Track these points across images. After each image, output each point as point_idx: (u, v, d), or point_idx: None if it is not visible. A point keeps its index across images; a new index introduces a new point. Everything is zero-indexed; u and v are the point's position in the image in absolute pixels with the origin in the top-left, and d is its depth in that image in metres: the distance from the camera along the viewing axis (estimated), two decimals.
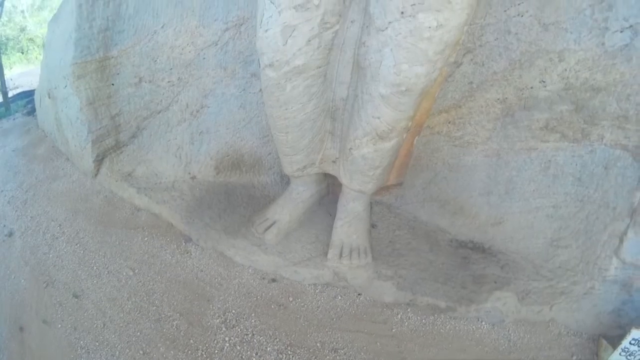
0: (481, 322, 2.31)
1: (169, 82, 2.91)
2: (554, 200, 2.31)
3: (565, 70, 2.13)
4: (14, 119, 4.47)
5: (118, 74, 3.00)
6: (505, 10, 2.17)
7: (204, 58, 2.81)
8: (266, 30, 1.97)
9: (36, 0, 13.31)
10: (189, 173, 3.03)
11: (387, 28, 1.84)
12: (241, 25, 2.68)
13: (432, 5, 1.74)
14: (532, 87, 2.24)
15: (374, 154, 2.18)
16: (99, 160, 3.13)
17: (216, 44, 2.76)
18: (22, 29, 13.12)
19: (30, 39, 12.74)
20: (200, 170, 3.02)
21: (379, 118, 2.03)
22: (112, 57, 2.96)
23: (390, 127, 2.06)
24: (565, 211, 2.28)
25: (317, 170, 2.52)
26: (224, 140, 2.94)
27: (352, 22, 2.04)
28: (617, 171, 2.10)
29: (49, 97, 3.45)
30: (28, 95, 5.36)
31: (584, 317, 2.21)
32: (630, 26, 1.93)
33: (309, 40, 1.97)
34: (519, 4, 2.14)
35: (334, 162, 2.45)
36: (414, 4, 1.75)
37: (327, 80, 2.16)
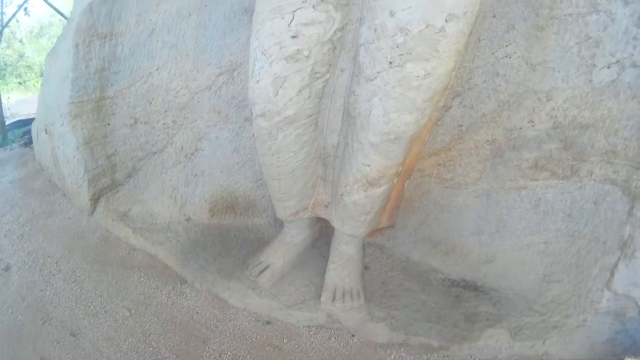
0: (474, 359, 2.32)
1: (164, 124, 2.96)
2: (545, 237, 2.34)
3: (554, 109, 2.17)
4: (10, 149, 4.50)
5: (114, 114, 3.04)
6: (493, 53, 2.22)
7: (198, 102, 2.85)
8: (258, 81, 2.01)
9: (34, 27, 13.37)
10: (184, 214, 3.06)
11: (376, 78, 1.89)
12: (234, 70, 2.73)
13: (419, 54, 1.78)
14: (520, 128, 2.27)
15: (365, 199, 2.21)
16: (95, 199, 3.16)
17: (210, 88, 2.80)
18: (21, 56, 13.18)
19: (28, 66, 12.81)
20: (195, 212, 3.05)
21: (369, 165, 2.07)
22: (108, 98, 3.01)
23: (380, 174, 2.10)
24: (556, 247, 2.30)
25: (309, 214, 2.55)
26: (218, 183, 2.97)
27: (342, 70, 2.08)
28: (607, 206, 2.12)
29: (46, 133, 3.49)
30: (25, 124, 5.39)
31: (578, 349, 2.23)
32: (617, 61, 1.97)
33: (300, 91, 2.02)
34: (506, 46, 2.19)
35: (326, 206, 2.49)
36: (402, 54, 1.80)
37: (318, 127, 2.21)
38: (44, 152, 3.72)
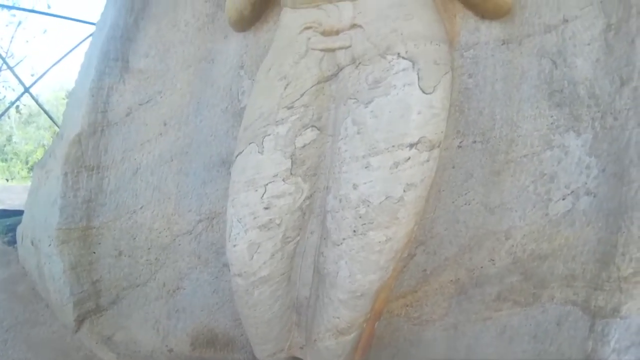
0: None
1: (147, 260, 3.10)
2: (513, 359, 2.44)
3: (513, 246, 2.28)
4: None
5: (99, 243, 3.17)
6: (453, 202, 2.37)
7: (179, 244, 3.01)
8: (234, 245, 2.19)
9: (23, 114, 13.66)
10: (167, 345, 3.16)
11: (341, 243, 2.08)
12: (213, 219, 2.89)
13: (381, 223, 1.98)
14: (482, 267, 2.41)
15: (336, 345, 2.35)
16: (80, 320, 3.23)
17: (190, 233, 2.96)
18: (9, 139, 13.41)
19: (15, 153, 13.03)
20: (177, 344, 3.14)
21: (338, 318, 2.22)
22: (94, 228, 3.15)
23: (349, 325, 2.25)
24: None
25: (286, 355, 2.67)
26: (199, 320, 3.09)
27: (311, 233, 2.27)
28: (569, 325, 2.20)
29: (32, 245, 3.58)
30: (9, 215, 5.35)
31: None
32: (572, 192, 2.07)
33: (273, 254, 2.20)
34: (465, 194, 2.34)
35: (301, 348, 2.61)
36: (365, 224, 1.99)
37: (291, 282, 2.37)
38: (28, 259, 3.75)
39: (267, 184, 2.08)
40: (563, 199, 2.12)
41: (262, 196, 2.07)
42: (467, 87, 2.38)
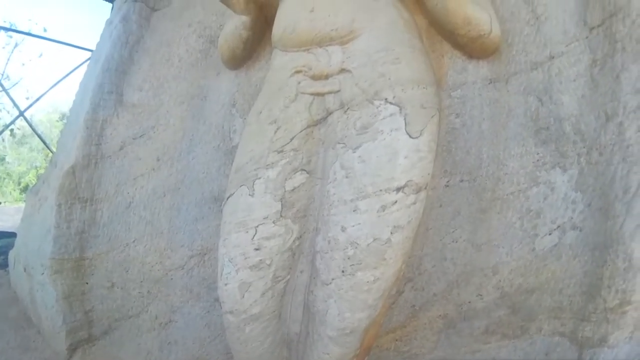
0: None
1: (139, 292, 3.12)
2: None
3: (500, 281, 2.31)
4: None
5: (92, 274, 3.20)
6: (441, 239, 2.41)
7: (171, 278, 3.03)
8: (226, 284, 2.23)
9: (17, 134, 13.70)
10: None
11: (330, 283, 2.12)
12: (205, 254, 2.92)
13: (369, 264, 2.02)
14: (469, 302, 2.44)
15: None
16: (72, 349, 3.24)
17: (182, 268, 2.99)
18: (2, 160, 13.43)
19: (8, 174, 13.05)
20: None
21: (328, 354, 2.25)
22: (88, 259, 3.17)
23: None
24: None
25: None
26: (190, 353, 3.10)
27: (301, 272, 2.30)
28: (558, 356, 2.21)
29: (25, 271, 3.60)
30: (0, 237, 5.39)
31: None
32: (558, 227, 2.10)
33: (264, 293, 2.23)
34: (453, 232, 2.37)
35: None
36: (353, 264, 2.04)
37: (281, 319, 2.40)
38: (20, 284, 3.77)
39: (257, 226, 2.13)
40: (549, 234, 2.15)
41: (253, 238, 2.12)
42: (455, 127, 2.43)
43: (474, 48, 2.41)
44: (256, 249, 2.12)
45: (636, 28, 1.86)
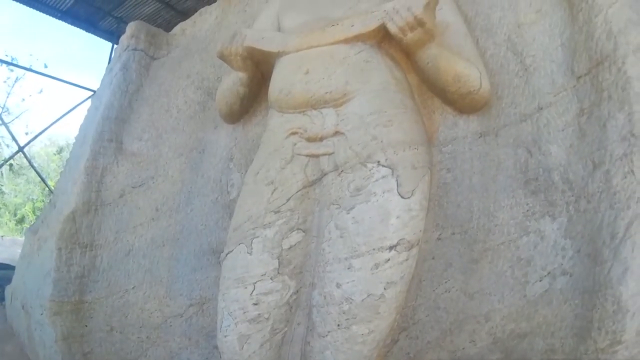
0: None
1: (138, 337, 3.16)
2: None
3: (492, 327, 2.31)
4: None
5: (92, 317, 3.23)
6: (433, 290, 2.44)
7: (170, 325, 3.08)
8: (225, 336, 2.30)
9: (14, 165, 13.76)
10: None
11: (327, 335, 2.18)
12: (203, 304, 2.98)
13: (363, 318, 2.09)
14: (463, 348, 2.46)
15: None
16: None
17: (181, 316, 3.03)
18: None
19: (4, 204, 13.08)
20: None
21: None
22: (87, 302, 3.22)
23: None
24: None
25: None
26: None
27: (298, 324, 2.36)
28: None
29: (23, 309, 3.63)
30: None
31: None
32: (549, 273, 2.12)
33: (262, 345, 2.29)
34: (445, 282, 2.41)
35: None
36: (348, 319, 2.11)
37: None
38: (17, 320, 3.81)
39: (255, 282, 2.21)
40: (540, 280, 2.17)
41: (252, 293, 2.19)
42: (446, 182, 2.49)
43: (464, 104, 2.48)
44: (255, 304, 2.18)
45: (622, 75, 1.92)
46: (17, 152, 8.89)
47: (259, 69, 2.84)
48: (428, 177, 2.34)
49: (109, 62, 7.66)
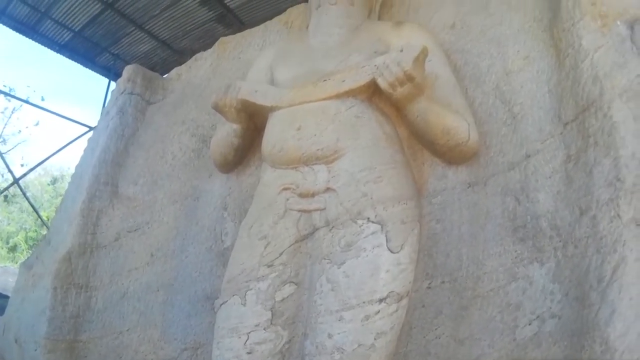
0: None
1: None
2: None
3: None
4: None
5: (86, 357, 3.24)
6: (424, 337, 2.43)
7: None
8: None
9: (7, 193, 13.77)
10: None
11: None
12: (197, 349, 2.99)
13: None
14: None
15: None
16: None
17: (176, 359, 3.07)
18: None
19: None
20: None
21: None
22: (81, 342, 3.24)
23: None
24: None
25: None
26: None
27: None
28: None
29: (16, 342, 3.62)
30: None
31: None
32: (538, 317, 2.12)
33: None
34: (436, 329, 2.41)
35: None
36: None
37: None
38: (10, 352, 3.76)
39: (249, 332, 2.25)
40: (529, 324, 2.18)
41: (245, 343, 2.24)
42: (435, 232, 2.52)
43: (453, 155, 2.53)
44: (248, 353, 2.22)
45: (608, 120, 1.92)
46: (12, 184, 8.92)
47: (253, 120, 2.90)
48: (417, 230, 2.40)
49: (105, 98, 7.81)
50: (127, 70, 3.87)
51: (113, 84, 7.60)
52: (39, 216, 9.90)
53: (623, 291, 1.71)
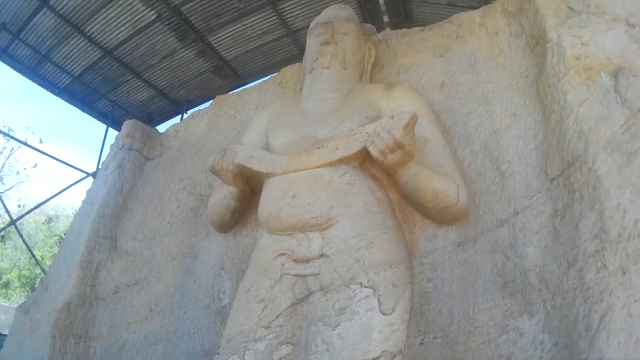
0: None
1: None
2: None
3: None
4: None
5: None
6: None
7: None
8: None
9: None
10: None
11: None
12: None
13: None
14: None
15: None
16: None
17: None
18: None
19: None
20: None
21: None
22: None
23: None
24: None
25: None
26: None
27: None
28: None
29: None
30: None
31: None
32: None
33: None
34: None
35: None
36: None
37: None
38: None
39: None
40: None
41: None
42: (427, 291, 2.58)
43: (443, 217, 2.61)
44: None
45: (592, 175, 1.97)
46: (9, 225, 8.96)
47: (250, 184, 2.99)
48: (409, 292, 2.46)
49: (102, 145, 7.89)
50: (127, 126, 3.97)
51: (111, 130, 7.73)
52: (34, 256, 9.92)
53: (612, 337, 1.74)
